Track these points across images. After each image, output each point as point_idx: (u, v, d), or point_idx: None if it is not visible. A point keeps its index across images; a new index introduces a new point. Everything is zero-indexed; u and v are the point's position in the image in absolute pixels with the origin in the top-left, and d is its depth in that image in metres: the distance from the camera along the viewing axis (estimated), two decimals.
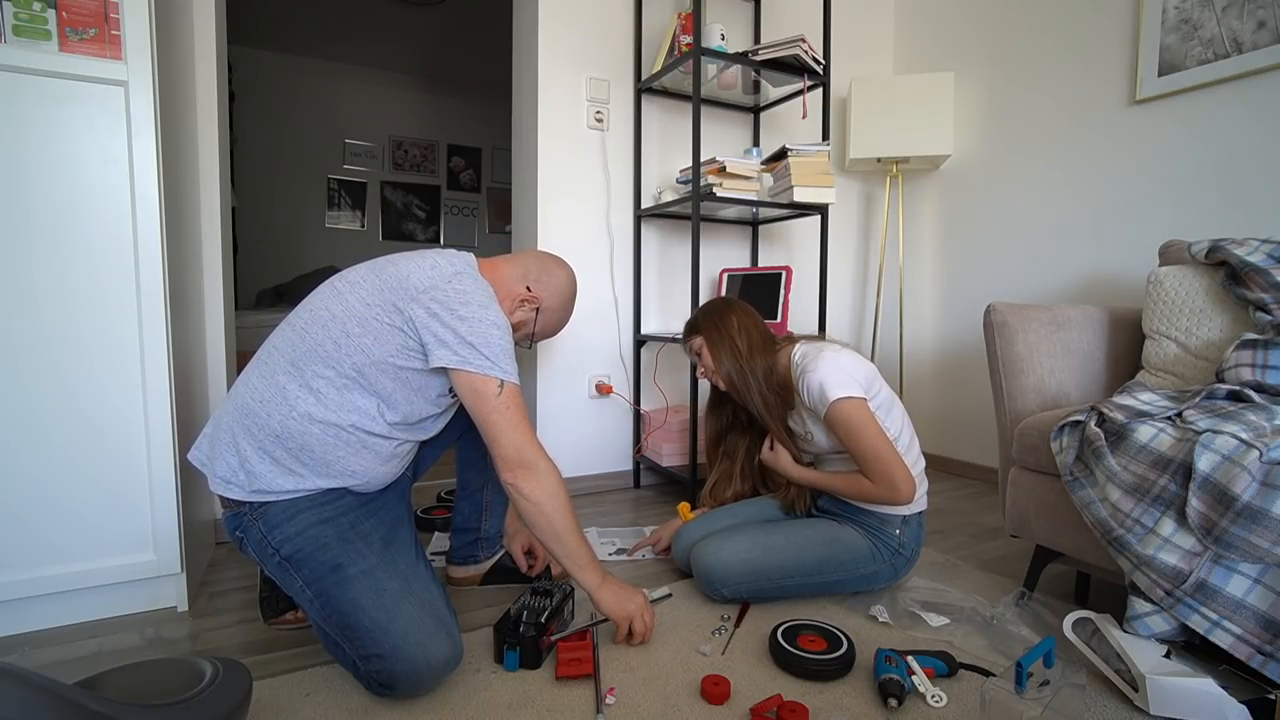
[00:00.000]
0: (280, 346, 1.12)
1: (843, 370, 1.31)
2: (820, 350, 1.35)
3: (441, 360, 1.08)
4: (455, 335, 1.08)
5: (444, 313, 1.08)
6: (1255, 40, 1.71)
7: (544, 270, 1.33)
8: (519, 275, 1.30)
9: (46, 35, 1.18)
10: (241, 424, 1.09)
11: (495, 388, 1.09)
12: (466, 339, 1.08)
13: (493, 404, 1.09)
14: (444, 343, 1.08)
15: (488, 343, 1.09)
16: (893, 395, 1.40)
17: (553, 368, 2.20)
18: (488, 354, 1.09)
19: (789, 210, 2.12)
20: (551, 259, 1.36)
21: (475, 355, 1.08)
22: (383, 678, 1.00)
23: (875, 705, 1.03)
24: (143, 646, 1.21)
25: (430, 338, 1.08)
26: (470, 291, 1.11)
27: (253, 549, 1.09)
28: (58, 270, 1.20)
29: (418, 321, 1.08)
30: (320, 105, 4.75)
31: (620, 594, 1.19)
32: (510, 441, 1.10)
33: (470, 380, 1.09)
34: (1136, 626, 1.09)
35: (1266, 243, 1.39)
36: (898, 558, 1.39)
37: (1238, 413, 1.10)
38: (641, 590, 1.24)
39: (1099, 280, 2.10)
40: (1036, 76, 2.26)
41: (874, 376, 1.37)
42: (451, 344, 1.08)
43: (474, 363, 1.08)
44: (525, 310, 1.30)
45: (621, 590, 1.20)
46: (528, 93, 2.20)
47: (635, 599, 1.20)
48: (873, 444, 1.28)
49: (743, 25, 2.45)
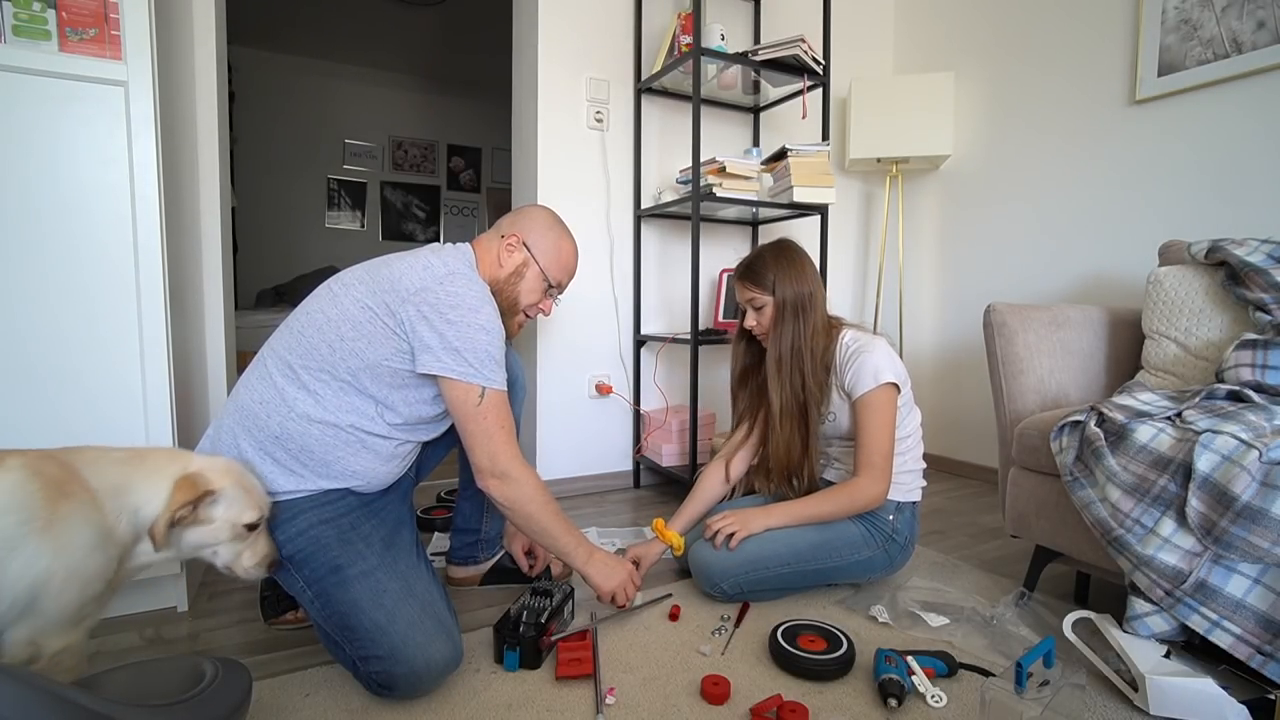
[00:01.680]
0: (278, 349, 1.12)
1: (894, 361, 1.38)
2: (872, 338, 1.41)
3: (426, 366, 1.09)
4: (441, 340, 1.08)
5: (433, 316, 1.08)
6: (1255, 40, 1.71)
7: (516, 215, 1.31)
8: (493, 234, 1.29)
9: (46, 35, 1.18)
10: (242, 425, 1.09)
11: (476, 396, 1.10)
12: (453, 344, 1.08)
13: (471, 412, 1.10)
14: (429, 348, 1.08)
15: (474, 348, 1.09)
16: (912, 397, 1.46)
17: (553, 368, 2.20)
18: (472, 360, 1.09)
19: (789, 210, 2.12)
20: (523, 207, 1.35)
21: (459, 361, 1.08)
22: (382, 678, 1.00)
23: (875, 705, 1.03)
24: (142, 646, 1.22)
25: (418, 342, 1.09)
26: (461, 294, 1.11)
27: None
28: (57, 270, 1.20)
29: (408, 324, 1.09)
30: (320, 105, 4.75)
31: (605, 570, 1.25)
32: (484, 452, 1.12)
33: (452, 387, 1.10)
34: (1136, 626, 1.09)
35: (1266, 243, 1.39)
36: (891, 544, 1.40)
37: (1237, 413, 1.10)
38: (628, 563, 1.30)
39: (1099, 280, 2.10)
40: (1036, 76, 2.26)
41: (907, 375, 1.43)
42: (436, 349, 1.08)
43: (457, 369, 1.08)
44: (512, 253, 1.25)
45: (607, 565, 1.25)
46: (527, 93, 2.20)
47: (619, 574, 1.26)
48: (885, 435, 1.34)
49: (742, 25, 2.45)
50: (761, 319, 1.44)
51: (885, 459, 1.34)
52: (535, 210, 1.32)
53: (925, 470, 1.48)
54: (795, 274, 1.42)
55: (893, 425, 1.36)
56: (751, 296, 1.44)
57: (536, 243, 1.28)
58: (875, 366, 1.34)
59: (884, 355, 1.37)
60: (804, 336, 1.40)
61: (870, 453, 1.34)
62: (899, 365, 1.39)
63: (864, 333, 1.44)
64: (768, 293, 1.42)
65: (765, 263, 1.43)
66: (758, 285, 1.43)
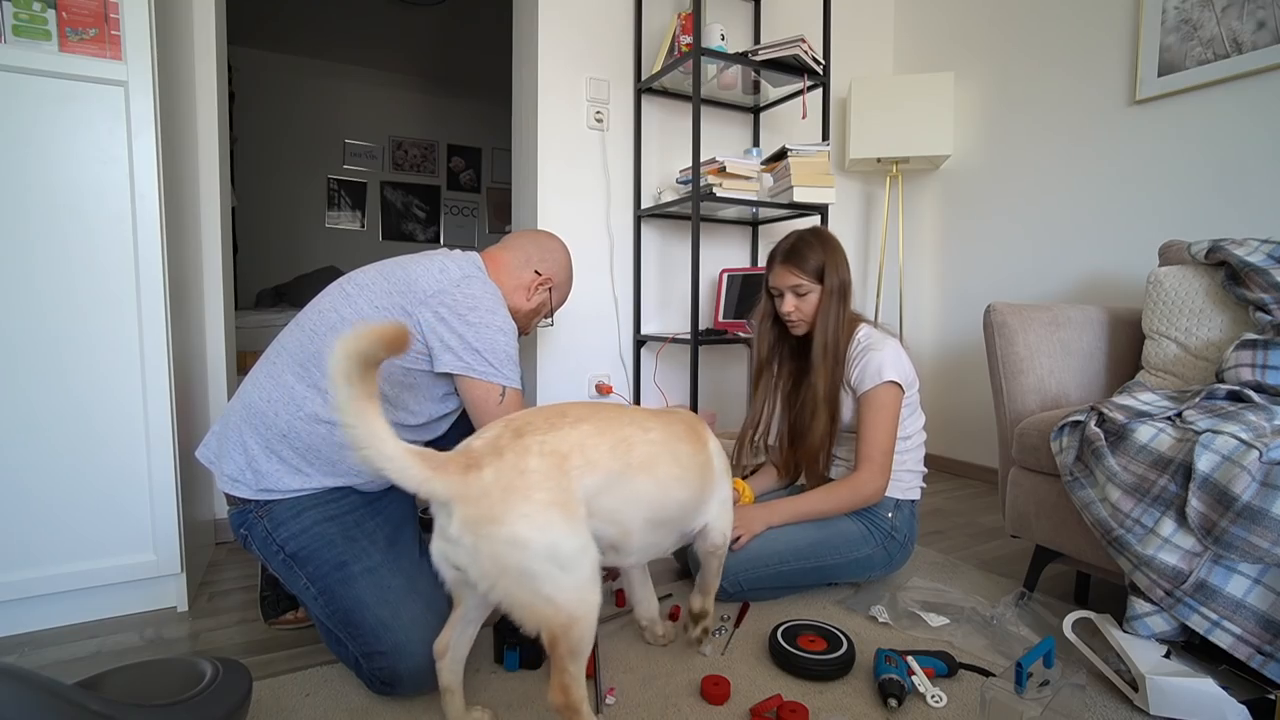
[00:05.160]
0: (289, 347, 1.13)
1: (903, 361, 1.39)
2: (885, 337, 1.41)
3: (447, 365, 1.10)
4: (462, 341, 1.09)
5: (452, 318, 1.10)
6: (1255, 40, 1.71)
7: (543, 249, 1.35)
8: (521, 261, 1.32)
9: (46, 35, 1.18)
10: (249, 423, 1.09)
11: (498, 395, 1.12)
12: (473, 345, 1.10)
13: (493, 410, 1.12)
14: (450, 348, 1.09)
15: (494, 349, 1.11)
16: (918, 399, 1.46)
17: (553, 368, 2.20)
18: (493, 360, 1.11)
19: (789, 210, 2.12)
20: (544, 236, 1.39)
21: (480, 361, 1.10)
22: (385, 675, 1.00)
23: (875, 705, 1.03)
24: (143, 647, 1.21)
25: (437, 342, 1.09)
26: (478, 296, 1.13)
27: (257, 546, 1.09)
28: (58, 270, 1.20)
29: (425, 326, 1.09)
30: (320, 105, 4.75)
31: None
32: None
33: (473, 386, 1.12)
34: (1136, 626, 1.09)
35: (1266, 243, 1.39)
36: (891, 542, 1.41)
37: (1238, 413, 1.10)
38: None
39: (1099, 280, 2.10)
40: (1036, 76, 2.26)
41: (916, 378, 1.43)
42: (457, 349, 1.09)
43: (478, 369, 1.10)
44: (542, 293, 1.34)
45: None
46: (528, 93, 2.20)
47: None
48: (887, 433, 1.36)
49: (742, 25, 2.45)
50: (804, 305, 1.41)
51: (885, 455, 1.35)
52: (562, 251, 1.38)
53: (926, 475, 1.49)
54: (841, 261, 1.41)
55: (894, 423, 1.36)
56: (797, 283, 1.40)
57: (561, 284, 1.38)
58: (880, 364, 1.35)
59: (892, 354, 1.37)
60: (842, 325, 1.41)
61: (871, 447, 1.35)
62: (906, 366, 1.39)
63: (878, 331, 1.44)
64: (815, 279, 1.39)
65: (812, 247, 1.40)
66: (804, 271, 1.39)
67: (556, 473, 0.83)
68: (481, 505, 0.78)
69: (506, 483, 0.80)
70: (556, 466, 0.84)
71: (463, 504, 0.78)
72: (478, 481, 0.79)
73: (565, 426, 0.89)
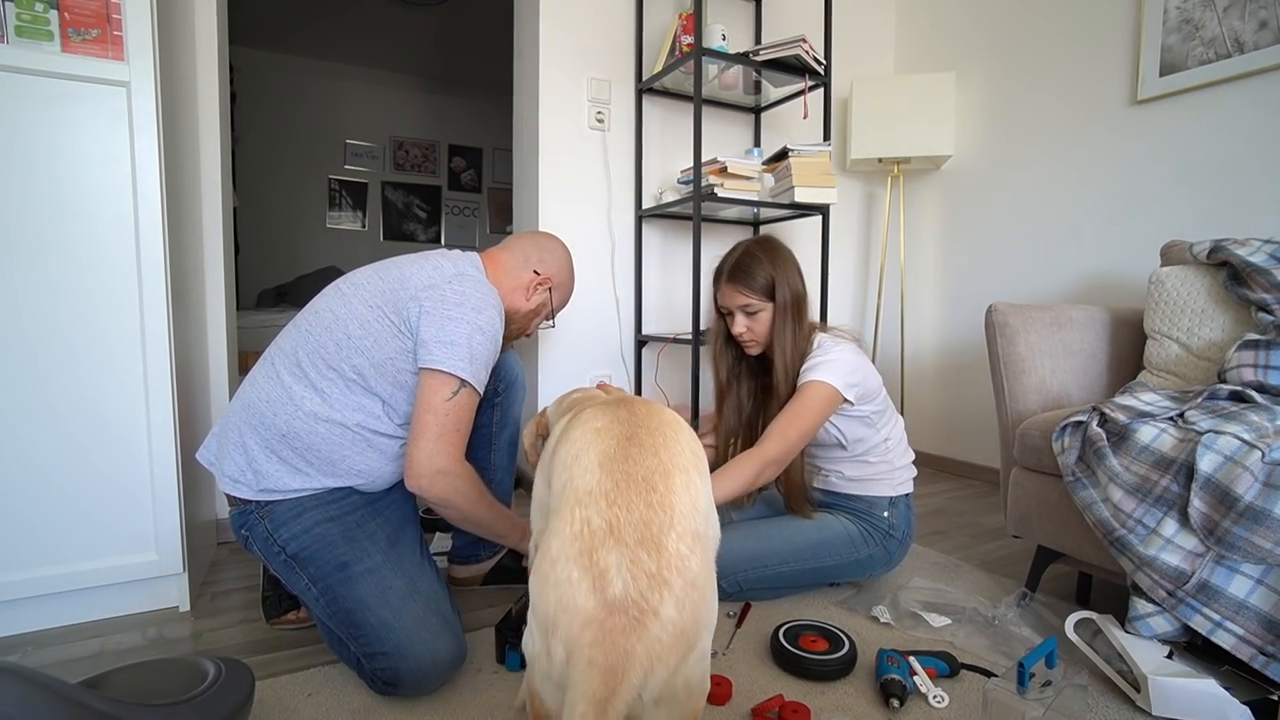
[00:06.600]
0: (286, 347, 1.13)
1: (848, 367, 1.30)
2: (838, 342, 1.34)
3: (421, 360, 1.09)
4: (437, 333, 1.09)
5: (435, 311, 1.09)
6: (1257, 40, 1.71)
7: (542, 249, 1.35)
8: (520, 261, 1.32)
9: (49, 36, 1.18)
10: (249, 424, 1.09)
11: (450, 390, 1.08)
12: (446, 338, 1.09)
13: (437, 404, 1.08)
14: (423, 341, 1.09)
15: (467, 345, 1.09)
16: (890, 404, 1.43)
17: (554, 367, 2.20)
18: (459, 355, 1.09)
19: (790, 211, 2.12)
20: (544, 236, 1.39)
21: (447, 353, 1.08)
22: (387, 675, 1.00)
23: (877, 705, 1.03)
24: (145, 646, 1.22)
25: (416, 337, 1.10)
26: (468, 293, 1.12)
27: (258, 546, 1.09)
28: (60, 270, 1.21)
29: (411, 318, 1.09)
30: (321, 105, 4.75)
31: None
32: (429, 449, 1.08)
33: (431, 377, 1.09)
34: (1138, 627, 1.09)
35: (1269, 243, 1.39)
36: (889, 540, 1.41)
37: (1240, 413, 1.10)
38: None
39: (1101, 280, 2.09)
40: (1038, 76, 2.26)
41: (877, 389, 1.37)
42: (429, 343, 1.09)
43: (445, 362, 1.08)
44: (541, 293, 1.34)
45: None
46: (529, 93, 2.20)
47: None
48: (800, 429, 1.26)
49: (743, 25, 2.45)
50: (756, 326, 1.34)
51: (788, 446, 1.25)
52: (561, 251, 1.38)
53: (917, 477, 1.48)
54: (792, 271, 1.34)
55: (815, 422, 1.27)
56: (746, 302, 1.32)
57: (561, 284, 1.37)
58: (817, 365, 1.29)
59: (837, 358, 1.29)
60: (800, 340, 1.34)
61: (785, 425, 1.25)
62: (855, 372, 1.30)
63: (830, 336, 1.37)
64: (765, 297, 1.32)
65: (759, 261, 1.32)
66: (752, 290, 1.32)
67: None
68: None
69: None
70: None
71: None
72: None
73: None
